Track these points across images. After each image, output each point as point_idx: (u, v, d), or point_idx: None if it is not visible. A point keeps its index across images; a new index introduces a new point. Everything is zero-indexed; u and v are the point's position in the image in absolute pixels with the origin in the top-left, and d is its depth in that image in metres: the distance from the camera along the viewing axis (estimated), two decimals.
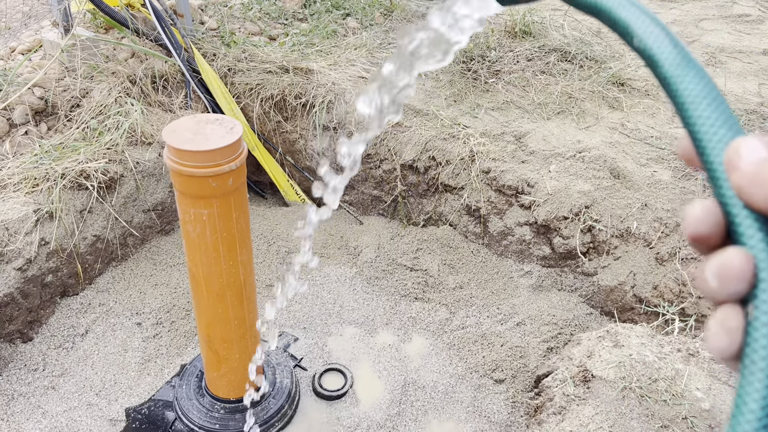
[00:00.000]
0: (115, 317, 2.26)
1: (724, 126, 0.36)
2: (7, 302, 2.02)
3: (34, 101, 2.41)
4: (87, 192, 2.21)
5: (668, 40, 0.40)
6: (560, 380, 1.72)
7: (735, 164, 0.35)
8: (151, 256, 2.52)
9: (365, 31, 3.39)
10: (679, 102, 0.38)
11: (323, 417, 1.96)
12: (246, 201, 1.58)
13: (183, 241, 1.59)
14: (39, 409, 2.01)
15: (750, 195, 0.34)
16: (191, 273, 1.61)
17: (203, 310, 1.67)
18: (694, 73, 0.38)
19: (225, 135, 1.43)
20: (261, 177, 3.09)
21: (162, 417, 1.90)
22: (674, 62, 0.39)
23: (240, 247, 1.57)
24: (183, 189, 1.45)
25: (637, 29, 0.41)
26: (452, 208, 2.60)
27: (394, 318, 2.32)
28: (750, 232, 0.34)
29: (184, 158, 1.39)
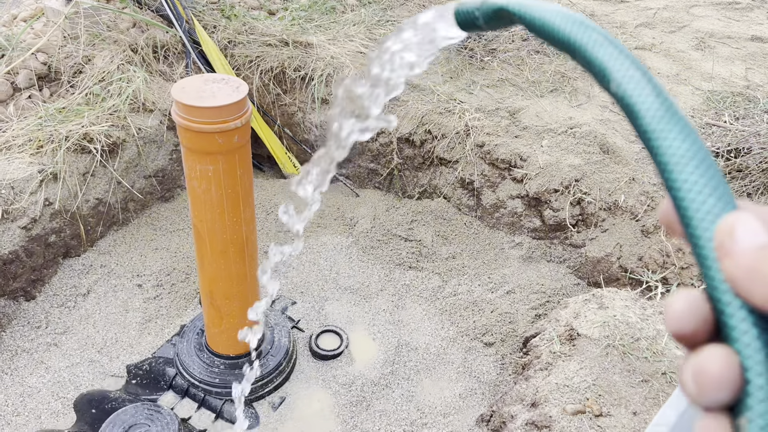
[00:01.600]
0: (116, 279, 2.31)
1: (714, 194, 0.31)
2: (12, 260, 2.07)
3: (38, 66, 2.44)
4: (90, 155, 2.26)
5: (650, 88, 0.34)
6: (547, 339, 1.80)
7: (728, 249, 0.29)
8: (151, 222, 2.58)
9: (363, 8, 3.43)
10: (661, 162, 0.33)
11: (319, 375, 2.03)
12: (250, 160, 1.64)
13: (188, 197, 1.64)
14: (42, 365, 2.07)
15: (746, 290, 0.28)
16: (195, 229, 1.67)
17: (206, 266, 1.73)
18: (680, 129, 0.33)
19: (231, 93, 1.49)
20: (259, 150, 3.14)
21: (163, 372, 1.96)
22: (656, 114, 0.34)
23: (243, 204, 1.63)
24: (190, 145, 1.50)
25: (615, 73, 0.35)
26: (447, 181, 2.67)
27: (389, 285, 2.39)
28: (742, 329, 0.29)
29: (192, 114, 1.44)
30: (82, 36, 2.57)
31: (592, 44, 0.37)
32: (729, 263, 0.29)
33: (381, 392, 1.98)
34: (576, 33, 0.38)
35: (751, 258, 0.28)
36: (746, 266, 0.28)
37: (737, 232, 0.29)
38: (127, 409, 1.74)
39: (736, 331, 0.29)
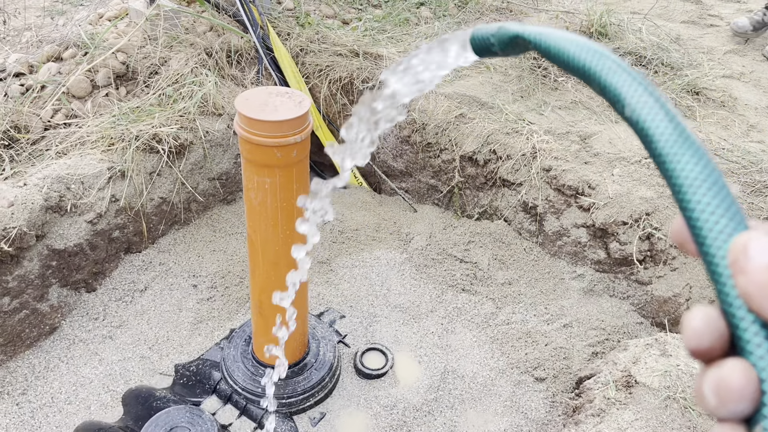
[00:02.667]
0: (173, 277, 2.36)
1: (727, 215, 0.32)
2: (77, 252, 2.14)
3: (117, 65, 2.53)
4: (158, 155, 2.32)
5: (663, 113, 0.36)
6: (602, 383, 1.70)
7: (742, 266, 0.30)
8: (211, 223, 2.62)
9: (438, 21, 3.39)
10: (675, 184, 0.34)
11: (361, 394, 2.00)
12: (307, 174, 1.63)
13: (245, 207, 1.65)
14: (96, 356, 2.13)
15: (760, 305, 0.30)
16: (249, 239, 1.67)
17: (257, 276, 1.73)
18: (693, 152, 0.34)
19: (293, 108, 1.48)
20: (322, 158, 3.15)
21: (208, 375, 1.98)
22: (670, 138, 0.35)
23: (297, 217, 1.62)
24: (249, 156, 1.50)
25: (629, 98, 0.37)
26: (508, 204, 2.60)
27: (440, 307, 2.34)
28: (756, 342, 0.30)
29: (253, 127, 1.44)
30: (160, 38, 2.64)
31: (607, 71, 0.38)
32: (743, 280, 0.30)
33: (423, 418, 1.93)
34: (591, 60, 0.39)
35: (765, 275, 0.29)
36: (760, 282, 0.29)
37: (750, 249, 0.30)
38: (170, 411, 1.76)
39: (751, 345, 0.30)
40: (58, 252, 2.09)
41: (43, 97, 2.37)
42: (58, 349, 2.13)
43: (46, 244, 2.06)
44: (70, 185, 2.10)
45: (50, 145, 2.24)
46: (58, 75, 2.48)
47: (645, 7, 4.05)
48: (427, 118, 2.71)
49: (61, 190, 2.07)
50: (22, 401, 2.00)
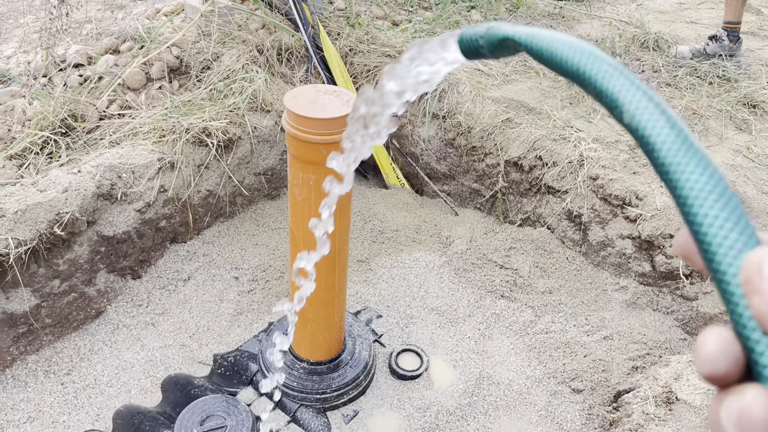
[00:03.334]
0: (216, 269, 2.41)
1: (737, 228, 0.30)
2: (125, 239, 2.20)
3: (171, 59, 2.59)
4: (206, 149, 2.36)
5: (664, 120, 0.33)
6: (641, 398, 1.66)
7: (756, 286, 0.29)
8: (255, 217, 2.66)
9: None
10: (680, 195, 0.32)
11: (395, 394, 2.00)
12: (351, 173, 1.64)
13: (289, 203, 1.67)
14: (138, 342, 2.19)
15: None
16: (292, 234, 1.69)
17: None
18: (697, 161, 0.32)
19: (340, 106, 1.49)
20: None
21: (246, 367, 2.01)
22: (673, 147, 0.33)
23: (339, 215, 1.63)
24: (295, 153, 1.52)
25: (628, 104, 0.35)
26: (552, 211, 2.56)
27: (477, 312, 2.32)
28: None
29: (300, 123, 1.46)
30: (214, 34, 2.70)
31: (602, 75, 0.36)
32: (757, 300, 0.28)
33: (455, 423, 1.92)
34: (585, 63, 0.37)
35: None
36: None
37: (765, 268, 0.28)
38: (207, 399, 1.80)
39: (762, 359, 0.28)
40: (107, 238, 2.16)
41: (100, 88, 2.45)
42: (102, 333, 2.19)
43: (96, 230, 2.13)
44: (122, 174, 2.16)
45: (104, 134, 2.31)
46: (114, 67, 2.56)
47: (703, 16, 3.94)
48: (473, 121, 2.70)
49: (112, 179, 2.13)
50: (66, 381, 2.07)
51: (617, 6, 4.03)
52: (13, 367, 2.07)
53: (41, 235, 1.94)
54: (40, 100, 2.29)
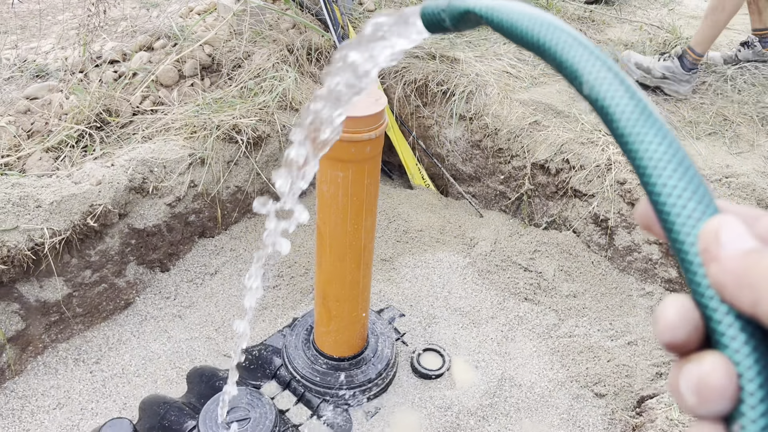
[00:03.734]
0: (242, 263, 2.44)
1: (695, 197, 0.31)
2: (155, 233, 2.25)
3: (203, 57, 2.64)
4: (236, 145, 2.40)
5: (624, 90, 0.33)
6: (666, 404, 1.65)
7: (714, 254, 0.29)
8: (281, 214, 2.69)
9: None
10: (639, 166, 0.32)
11: (417, 392, 2.01)
12: (378, 171, 1.66)
13: (316, 200, 1.69)
14: (165, 333, 2.23)
15: (735, 297, 0.28)
16: (318, 230, 1.72)
17: (323, 267, 1.77)
18: (656, 131, 0.32)
19: (370, 105, 1.51)
20: (391, 158, 3.18)
21: (270, 361, 2.04)
22: (632, 117, 0.33)
23: (366, 213, 1.65)
24: None
25: (587, 75, 0.34)
26: (578, 215, 2.55)
27: (501, 314, 2.32)
28: (731, 335, 0.28)
29: None
30: (245, 33, 2.74)
31: (562, 45, 0.36)
32: (716, 269, 0.29)
33: (476, 423, 1.93)
34: (545, 34, 0.37)
35: (738, 263, 0.28)
36: (733, 271, 0.28)
37: (722, 236, 0.29)
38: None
39: (726, 338, 0.28)
40: (137, 231, 2.20)
41: (134, 84, 2.51)
42: (130, 324, 2.24)
43: (127, 222, 2.18)
44: (153, 168, 2.20)
45: (137, 129, 2.36)
46: (148, 64, 2.61)
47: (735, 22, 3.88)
48: (500, 123, 2.70)
49: (144, 173, 2.18)
50: (95, 369, 2.11)
51: (648, 10, 3.99)
52: (44, 354, 2.13)
53: (75, 226, 1.99)
54: (76, 94, 2.35)
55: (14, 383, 2.04)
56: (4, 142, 2.14)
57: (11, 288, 1.97)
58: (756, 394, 0.27)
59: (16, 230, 1.87)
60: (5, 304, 1.97)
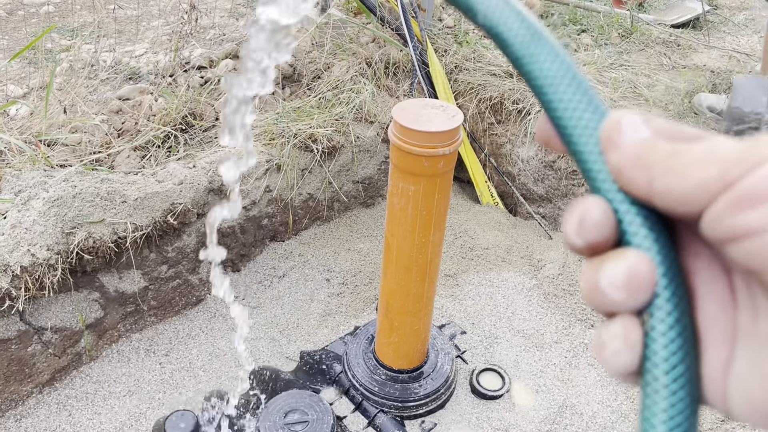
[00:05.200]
0: (309, 269, 2.50)
1: (590, 109, 0.32)
2: (229, 233, 2.33)
3: (285, 67, 2.73)
4: (311, 154, 2.47)
5: (514, 15, 0.35)
6: None
7: (615, 142, 0.30)
8: (350, 223, 2.74)
9: (598, 49, 3.31)
10: (536, 85, 0.34)
11: (474, 412, 1.99)
12: (449, 187, 1.67)
13: (386, 211, 1.72)
14: (232, 332, 2.30)
15: (630, 178, 0.30)
16: (386, 242, 1.74)
17: (388, 278, 1.79)
18: (548, 50, 0.34)
19: (446, 121, 1.52)
20: (461, 173, 3.18)
21: (330, 367, 2.07)
22: (524, 40, 0.34)
23: (435, 227, 1.66)
24: (398, 163, 1.57)
25: (479, 5, 0.36)
26: None
27: (565, 339, 2.27)
28: (640, 230, 0.30)
29: (405, 135, 1.50)
30: (327, 45, 2.82)
31: None
32: (615, 155, 0.30)
33: None
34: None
35: (636, 149, 0.30)
36: (631, 155, 0.30)
37: (623, 126, 0.30)
38: (292, 393, 1.86)
39: (636, 236, 0.30)
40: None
41: (218, 90, 2.62)
42: (200, 320, 2.32)
43: (204, 222, 2.27)
44: None
45: (219, 134, 2.46)
46: (233, 71, 2.72)
47: None
48: None
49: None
50: (164, 361, 2.21)
51: (738, 36, 3.84)
52: (118, 342, 2.24)
53: (156, 223, 2.09)
54: (164, 97, 2.47)
55: (90, 368, 2.16)
56: (96, 139, 2.28)
57: (94, 277, 2.09)
58: (663, 280, 0.30)
59: (103, 223, 1.98)
60: (87, 292, 2.09)
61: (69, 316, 2.04)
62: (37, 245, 1.83)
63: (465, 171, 3.07)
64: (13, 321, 1.91)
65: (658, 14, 3.95)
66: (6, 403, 1.99)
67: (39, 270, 1.84)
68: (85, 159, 2.19)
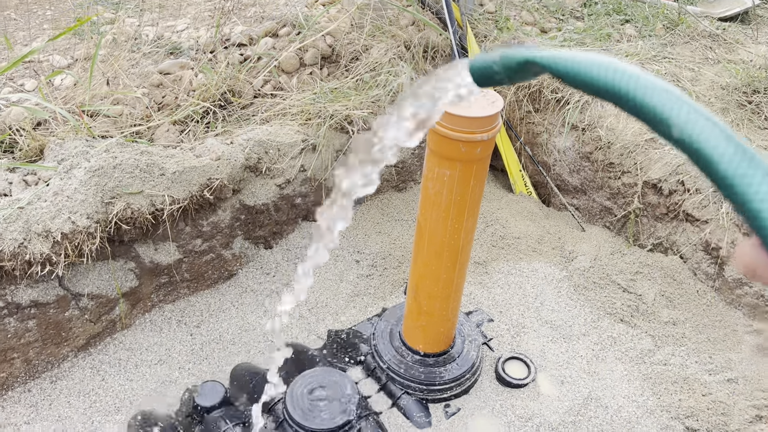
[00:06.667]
0: (339, 250, 2.52)
1: None
2: (263, 211, 2.36)
3: (324, 47, 2.73)
4: (346, 135, 2.47)
5: (718, 131, 0.31)
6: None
7: None
8: (381, 207, 2.75)
9: (641, 40, 3.24)
10: (752, 209, 0.31)
11: (498, 399, 2.00)
12: (485, 173, 1.66)
13: (420, 195, 1.72)
14: (262, 307, 2.34)
15: None
16: (419, 225, 1.74)
17: (419, 262, 1.80)
18: (764, 172, 0.30)
19: (486, 107, 1.51)
20: (495, 161, 3.16)
21: (356, 346, 2.09)
22: (734, 159, 0.31)
23: (468, 213, 1.66)
24: (434, 147, 1.56)
25: (676, 118, 0.32)
26: (688, 240, 2.43)
27: (593, 332, 2.26)
28: None
29: (444, 119, 1.50)
30: (366, 26, 2.81)
31: (643, 90, 0.34)
32: None
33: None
34: (621, 80, 0.35)
35: None
36: None
37: None
38: (319, 370, 1.89)
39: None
40: (247, 208, 2.32)
41: (257, 68, 2.63)
42: (231, 294, 2.36)
43: (239, 198, 2.30)
44: (269, 150, 2.31)
45: (257, 111, 2.49)
46: (272, 50, 2.74)
47: None
48: (614, 137, 2.61)
49: (260, 153, 2.29)
50: (195, 333, 2.25)
51: None
52: (151, 312, 2.29)
53: (192, 197, 2.12)
54: (204, 73, 2.50)
55: (123, 335, 2.21)
56: (137, 112, 2.32)
57: (130, 247, 2.14)
58: None
59: (141, 194, 2.02)
60: (123, 262, 2.14)
61: (105, 284, 2.10)
62: (78, 213, 1.88)
63: (499, 159, 3.05)
64: (53, 286, 1.97)
65: (706, 6, 3.84)
66: (43, 364, 2.05)
67: (79, 237, 1.89)
68: (125, 131, 2.23)
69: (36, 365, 2.04)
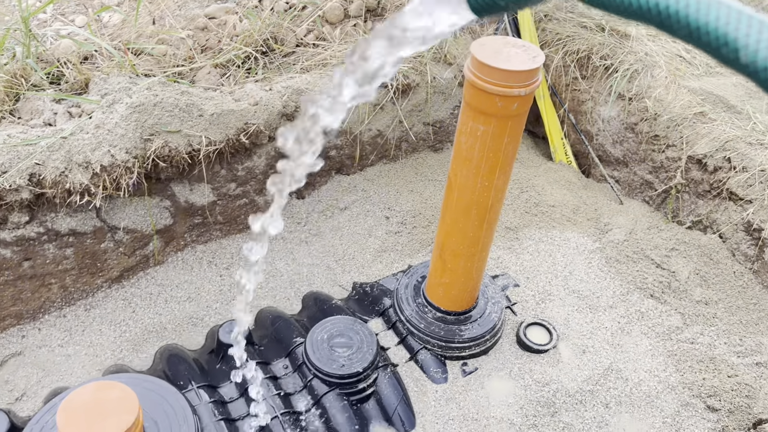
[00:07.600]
0: (370, 205, 2.52)
1: None
2: None
3: (370, 0, 2.69)
4: (385, 90, 2.45)
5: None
6: None
7: None
8: (415, 165, 2.73)
9: None
10: None
11: (517, 362, 1.99)
12: (521, 131, 1.62)
13: (453, 150, 1.69)
14: (290, 255, 2.37)
15: None
16: (449, 181, 1.73)
17: (447, 219, 1.79)
18: None
19: (526, 61, 1.47)
20: (537, 128, 3.10)
21: (380, 300, 2.10)
22: None
23: (500, 171, 1.63)
24: (470, 100, 1.54)
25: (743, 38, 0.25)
26: (729, 219, 2.35)
27: (621, 305, 2.22)
28: None
29: (481, 71, 1.47)
30: None
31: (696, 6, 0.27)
32: None
33: (573, 406, 1.88)
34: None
35: None
36: None
37: None
38: (340, 318, 1.91)
39: None
40: (282, 155, 2.33)
41: (302, 17, 2.62)
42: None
43: (274, 146, 2.31)
44: None
45: (297, 60, 2.48)
46: None
47: None
48: (662, 108, 2.53)
49: (297, 101, 2.29)
50: (224, 274, 2.30)
51: None
52: (184, 251, 2.35)
53: (229, 140, 2.15)
54: (249, 19, 2.50)
55: (155, 271, 2.28)
56: (181, 53, 2.34)
57: (167, 185, 2.19)
58: None
59: (179, 134, 2.05)
60: (159, 199, 2.19)
61: (140, 220, 2.15)
62: (117, 147, 1.92)
63: (541, 126, 2.98)
64: (90, 216, 2.03)
65: None
66: (78, 293, 2.13)
67: (117, 171, 1.93)
68: (168, 71, 2.26)
69: (72, 292, 2.12)
